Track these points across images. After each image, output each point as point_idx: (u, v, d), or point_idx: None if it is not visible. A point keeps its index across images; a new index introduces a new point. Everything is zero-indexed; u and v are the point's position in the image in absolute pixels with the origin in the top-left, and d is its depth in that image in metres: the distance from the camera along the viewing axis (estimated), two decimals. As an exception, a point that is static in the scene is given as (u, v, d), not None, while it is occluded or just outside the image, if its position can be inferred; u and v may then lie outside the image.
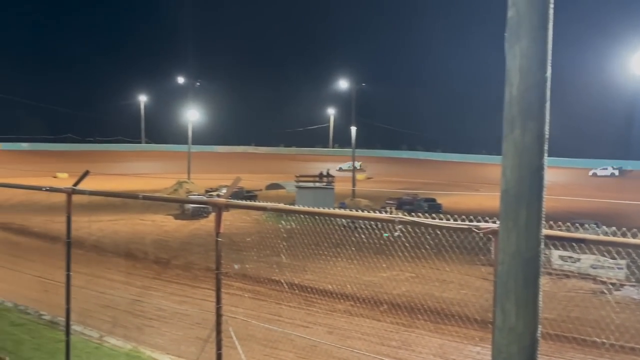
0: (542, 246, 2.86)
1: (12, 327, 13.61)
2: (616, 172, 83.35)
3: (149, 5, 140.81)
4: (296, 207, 7.35)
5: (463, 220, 5.45)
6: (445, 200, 49.47)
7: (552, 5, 2.77)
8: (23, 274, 15.61)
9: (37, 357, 11.58)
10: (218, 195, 43.73)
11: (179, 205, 38.18)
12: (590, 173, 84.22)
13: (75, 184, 9.30)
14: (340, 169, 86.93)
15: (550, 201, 3.01)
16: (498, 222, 2.95)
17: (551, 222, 4.78)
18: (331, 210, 7.49)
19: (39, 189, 11.22)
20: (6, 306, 15.49)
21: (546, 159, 2.82)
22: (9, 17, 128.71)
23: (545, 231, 2.94)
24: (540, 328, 2.86)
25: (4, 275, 15.87)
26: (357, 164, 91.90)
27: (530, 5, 2.75)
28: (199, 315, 14.48)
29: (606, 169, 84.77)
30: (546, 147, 2.81)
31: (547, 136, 2.81)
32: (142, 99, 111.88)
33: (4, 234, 28.64)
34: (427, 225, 5.84)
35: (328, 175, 51.41)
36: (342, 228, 11.84)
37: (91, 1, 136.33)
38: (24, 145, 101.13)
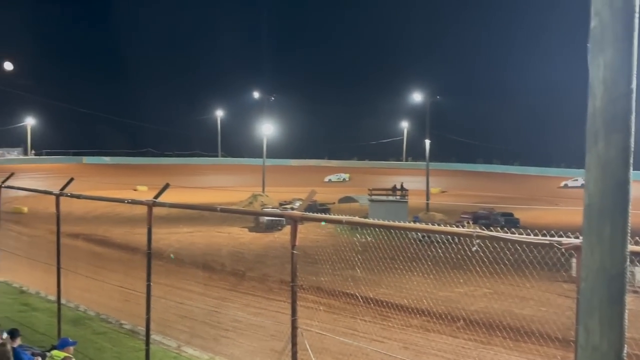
0: (628, 263, 2.76)
1: (94, 336, 14.09)
2: None
3: (226, 23, 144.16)
4: (371, 221, 7.35)
5: (544, 235, 5.32)
6: (523, 214, 48.24)
7: (637, 15, 2.69)
8: (105, 283, 16.12)
9: (118, 364, 11.96)
10: (292, 208, 44.18)
11: (253, 218, 38.73)
12: None
13: (156, 197, 9.59)
14: (330, 181, 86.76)
15: (636, 216, 2.91)
16: (580, 237, 2.87)
17: (637, 238, 4.61)
18: (407, 224, 7.47)
19: (121, 201, 11.61)
20: (89, 315, 16.06)
21: (631, 173, 2.73)
22: (92, 36, 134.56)
23: (630, 247, 2.84)
24: (626, 348, 2.76)
25: (87, 284, 16.44)
26: (345, 176, 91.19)
27: (614, 15, 2.68)
28: (273, 327, 14.61)
29: None
30: (631, 160, 2.72)
31: (632, 149, 2.72)
32: (219, 113, 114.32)
33: (88, 245, 29.72)
34: (506, 240, 5.74)
35: (402, 188, 51.04)
36: (416, 242, 11.75)
37: (170, 19, 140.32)
38: (106, 159, 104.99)
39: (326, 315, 16.82)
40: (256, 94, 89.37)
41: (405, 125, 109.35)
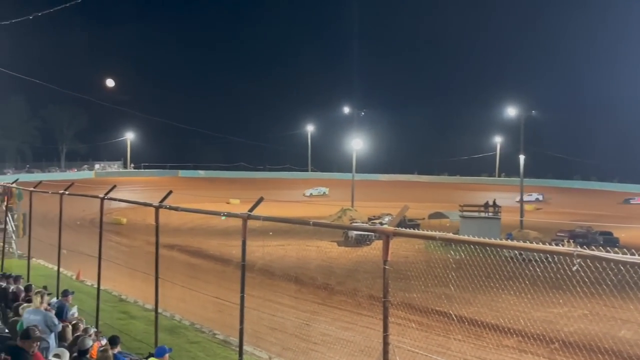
0: None
1: (188, 345, 14.46)
2: None
3: (315, 39, 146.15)
4: (465, 237, 7.17)
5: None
6: (622, 233, 46.09)
7: None
8: (199, 294, 16.54)
9: (211, 374, 12.19)
10: (381, 223, 43.97)
11: (343, 232, 38.75)
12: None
13: (251, 210, 9.76)
14: (311, 195, 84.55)
15: None
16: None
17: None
18: (503, 242, 7.25)
19: (217, 214, 11.89)
20: (184, 324, 16.50)
21: None
22: (188, 54, 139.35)
23: None
24: None
25: (182, 294, 16.90)
26: (325, 190, 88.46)
27: None
28: (363, 342, 14.51)
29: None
30: None
31: None
32: (309, 128, 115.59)
33: (183, 256, 30.60)
34: (608, 260, 5.47)
35: (494, 205, 49.85)
36: (512, 260, 11.41)
37: (260, 37, 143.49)
38: (201, 173, 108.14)
39: (418, 332, 16.58)
40: (346, 109, 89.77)
41: (498, 140, 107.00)
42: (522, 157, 60.82)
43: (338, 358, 13.63)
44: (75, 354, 9.14)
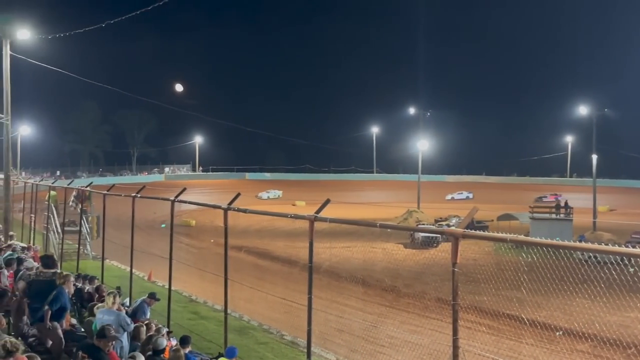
0: None
1: (257, 345, 14.60)
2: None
3: (381, 39, 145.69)
4: (537, 239, 6.97)
5: None
6: (702, 235, 44.03)
7: None
8: (267, 295, 16.69)
9: (279, 375, 12.28)
10: (448, 225, 43.40)
11: (409, 234, 38.45)
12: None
13: (317, 212, 9.78)
14: (268, 198, 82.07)
15: None
16: None
17: None
18: (577, 244, 7.04)
19: (285, 215, 11.95)
20: (252, 325, 16.68)
21: None
22: (252, 58, 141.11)
23: None
24: None
25: (250, 295, 17.10)
26: (279, 192, 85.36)
27: None
28: (430, 346, 14.33)
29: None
30: None
31: None
32: (375, 130, 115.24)
33: (250, 258, 30.99)
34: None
35: (566, 206, 48.48)
36: (585, 263, 11.05)
37: (325, 38, 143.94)
38: (267, 175, 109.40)
39: (488, 336, 16.27)
40: (412, 110, 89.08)
41: (569, 139, 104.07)
42: (594, 157, 58.97)
43: (405, 361, 13.52)
44: (149, 353, 9.36)
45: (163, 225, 15.60)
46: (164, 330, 11.05)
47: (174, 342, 10.47)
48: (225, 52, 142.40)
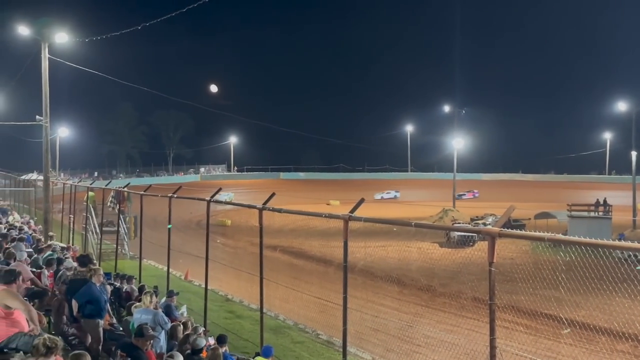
0: None
1: (292, 344, 14.65)
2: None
3: (415, 38, 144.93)
4: (575, 238, 6.86)
5: None
6: None
7: None
8: (302, 294, 16.74)
9: (315, 374, 12.30)
10: (484, 224, 42.95)
11: (444, 233, 38.14)
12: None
13: (352, 211, 9.77)
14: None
15: None
16: None
17: None
18: (616, 242, 6.89)
19: (319, 215, 11.96)
20: (287, 324, 16.74)
21: None
22: (289, 58, 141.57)
23: None
24: None
25: (286, 295, 17.17)
26: (229, 195, 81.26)
27: None
28: (467, 345, 14.24)
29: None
30: None
31: None
32: (409, 128, 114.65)
33: (286, 257, 31.08)
34: None
35: (605, 204, 47.59)
36: (625, 262, 10.85)
37: (357, 37, 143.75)
38: (301, 175, 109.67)
39: (525, 336, 16.06)
40: (447, 108, 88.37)
41: (608, 136, 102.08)
42: (634, 154, 57.81)
43: (441, 361, 13.44)
44: (187, 352, 9.45)
45: (169, 226, 15.71)
46: (201, 330, 11.15)
47: (212, 341, 10.55)
48: (260, 52, 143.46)
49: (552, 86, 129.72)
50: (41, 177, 31.22)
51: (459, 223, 49.45)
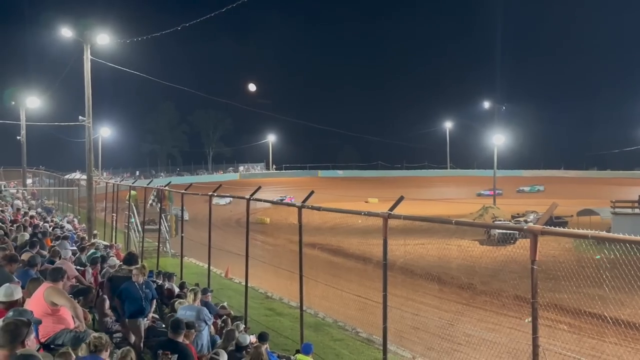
0: None
1: (332, 342, 14.69)
2: None
3: (454, 33, 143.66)
4: (620, 236, 6.73)
5: None
6: None
7: None
8: (342, 292, 16.73)
9: (355, 372, 12.31)
10: (525, 221, 42.34)
11: (485, 231, 37.76)
12: None
13: (391, 209, 9.75)
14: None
15: None
16: None
17: None
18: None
19: (358, 213, 11.97)
20: (327, 322, 16.79)
21: None
22: (324, 57, 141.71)
23: None
24: None
25: (325, 292, 17.19)
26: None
27: None
28: (508, 344, 14.07)
29: None
30: None
31: None
32: (448, 125, 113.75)
33: (324, 254, 31.13)
34: None
35: (651, 200, 46.55)
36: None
37: (395, 33, 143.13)
38: (339, 173, 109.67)
39: (569, 335, 15.82)
40: (487, 104, 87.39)
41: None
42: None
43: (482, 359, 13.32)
44: (231, 349, 9.54)
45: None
46: (242, 327, 11.25)
47: (253, 339, 10.64)
48: (297, 50, 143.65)
49: (594, 81, 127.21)
50: (84, 177, 31.83)
51: (500, 220, 48.91)
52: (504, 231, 32.88)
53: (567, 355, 9.62)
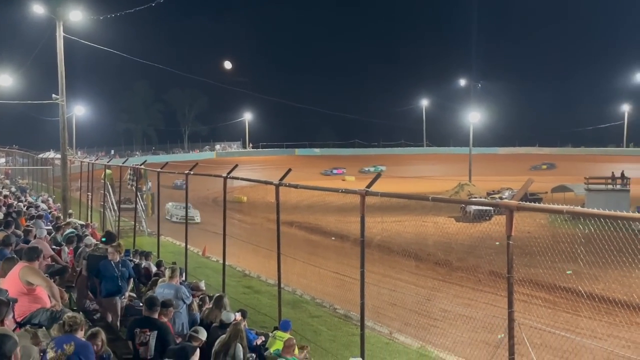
0: None
1: (310, 319, 14.78)
2: None
3: (429, 9, 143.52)
4: (594, 210, 6.81)
5: None
6: None
7: None
8: (320, 269, 16.83)
9: (333, 348, 12.40)
10: (500, 198, 42.71)
11: (460, 208, 38.05)
12: None
13: (368, 186, 9.77)
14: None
15: None
16: None
17: None
18: (635, 215, 6.86)
19: (335, 190, 11.98)
20: (305, 299, 16.88)
21: None
22: (300, 35, 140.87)
23: None
24: None
25: (303, 270, 17.27)
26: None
27: None
28: (484, 319, 14.28)
29: None
30: None
31: None
32: (424, 103, 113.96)
33: (301, 232, 31.19)
34: None
35: (622, 177, 47.22)
36: None
37: (371, 11, 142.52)
38: (316, 151, 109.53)
39: (543, 309, 16.06)
40: (462, 81, 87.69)
41: (626, 108, 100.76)
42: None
43: (459, 334, 13.48)
44: (215, 324, 9.50)
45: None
46: (227, 302, 11.20)
47: (238, 316, 10.59)
48: (274, 28, 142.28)
49: (568, 58, 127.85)
50: (58, 156, 31.43)
51: (475, 197, 49.31)
52: (480, 207, 33.23)
53: (541, 329, 9.79)
